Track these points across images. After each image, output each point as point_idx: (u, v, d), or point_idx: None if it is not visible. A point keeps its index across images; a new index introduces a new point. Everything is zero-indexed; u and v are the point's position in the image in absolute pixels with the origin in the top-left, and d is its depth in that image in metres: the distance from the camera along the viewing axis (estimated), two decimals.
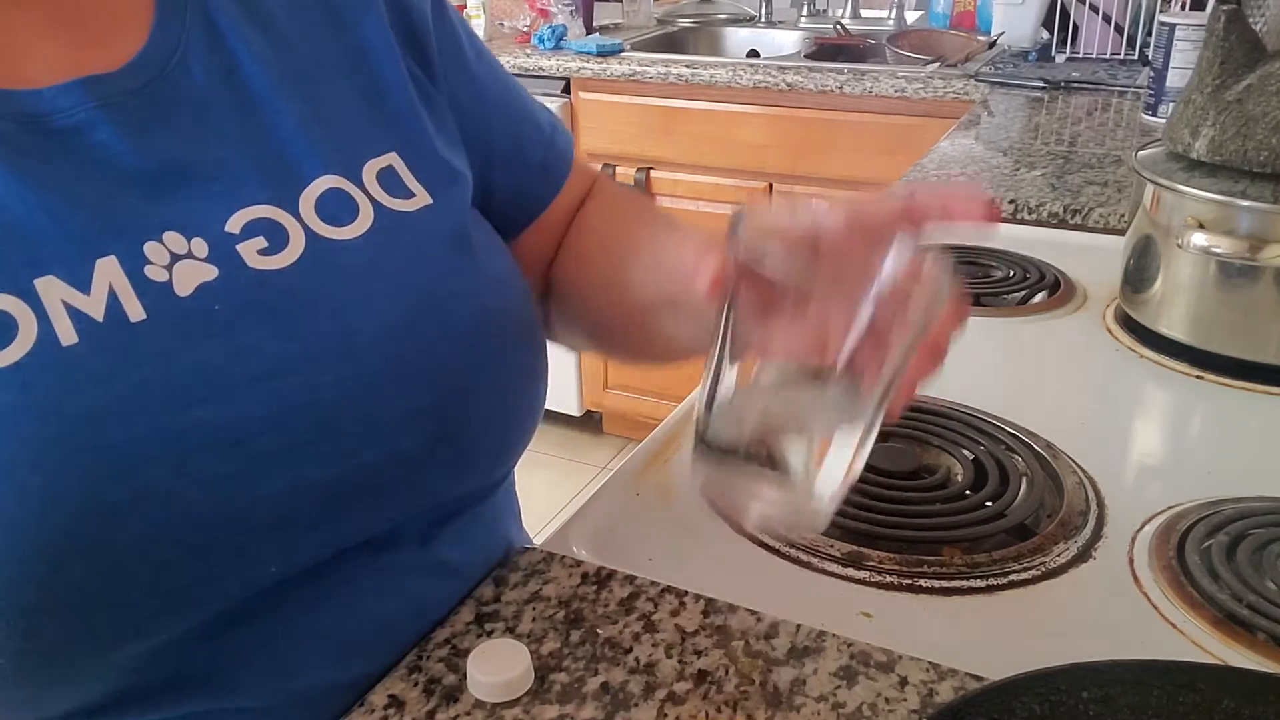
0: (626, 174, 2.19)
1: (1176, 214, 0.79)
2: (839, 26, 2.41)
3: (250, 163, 0.49)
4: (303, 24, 0.54)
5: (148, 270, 0.45)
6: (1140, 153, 0.86)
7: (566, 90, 2.19)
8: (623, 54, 2.19)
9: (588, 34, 2.34)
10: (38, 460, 0.41)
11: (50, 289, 0.42)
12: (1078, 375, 0.81)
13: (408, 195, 0.54)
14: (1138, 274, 0.85)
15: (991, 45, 2.05)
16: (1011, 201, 1.16)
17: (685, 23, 2.57)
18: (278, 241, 0.48)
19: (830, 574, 0.57)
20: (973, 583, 0.56)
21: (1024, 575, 0.56)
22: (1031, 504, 0.62)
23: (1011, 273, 0.98)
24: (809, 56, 2.27)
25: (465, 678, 0.49)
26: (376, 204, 0.52)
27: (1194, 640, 0.52)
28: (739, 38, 2.54)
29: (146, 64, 0.49)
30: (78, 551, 0.41)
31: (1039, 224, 1.14)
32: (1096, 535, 0.60)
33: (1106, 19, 1.98)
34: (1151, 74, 1.56)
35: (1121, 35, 1.98)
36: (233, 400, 0.45)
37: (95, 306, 0.43)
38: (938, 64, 1.96)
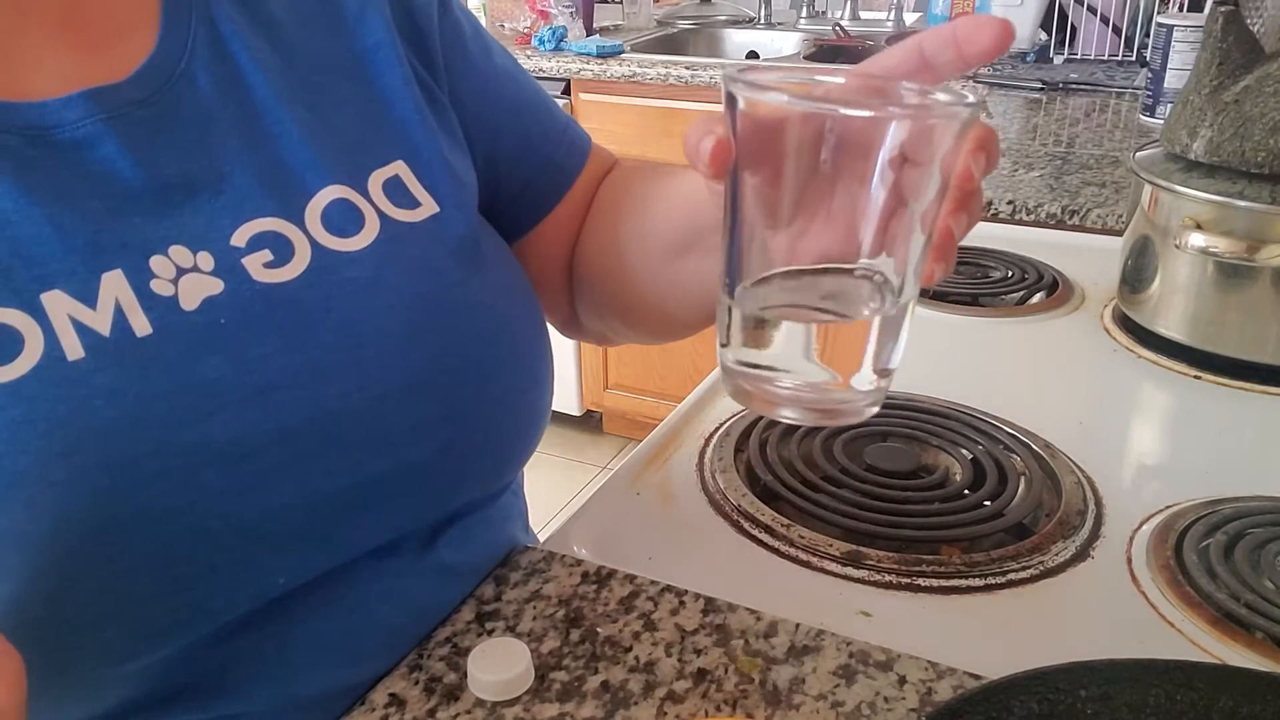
0: None
1: (1174, 214, 0.79)
2: (838, 28, 2.41)
3: (255, 175, 0.49)
4: (307, 30, 0.54)
5: (153, 284, 0.44)
6: (1138, 153, 0.86)
7: (567, 91, 2.19)
8: (623, 55, 2.19)
9: (588, 35, 2.34)
10: (46, 475, 0.40)
11: (56, 303, 0.42)
12: (1076, 375, 0.82)
13: (414, 205, 0.53)
14: (1136, 274, 0.85)
15: None
16: (1010, 202, 1.17)
17: (685, 24, 2.57)
18: (283, 254, 0.48)
19: (829, 573, 0.57)
20: (971, 582, 0.56)
21: (1022, 574, 0.57)
22: (1030, 503, 0.62)
23: (1010, 273, 0.98)
24: (808, 58, 2.27)
25: (466, 676, 0.49)
26: (383, 215, 0.52)
27: (1192, 639, 0.52)
28: (738, 39, 2.54)
29: (152, 74, 0.48)
30: (87, 565, 0.41)
31: (1037, 224, 1.15)
32: (1095, 534, 0.60)
33: (1104, 20, 1.98)
34: (1149, 75, 1.56)
35: (1119, 36, 1.99)
36: (240, 414, 0.44)
37: (101, 321, 0.43)
38: None
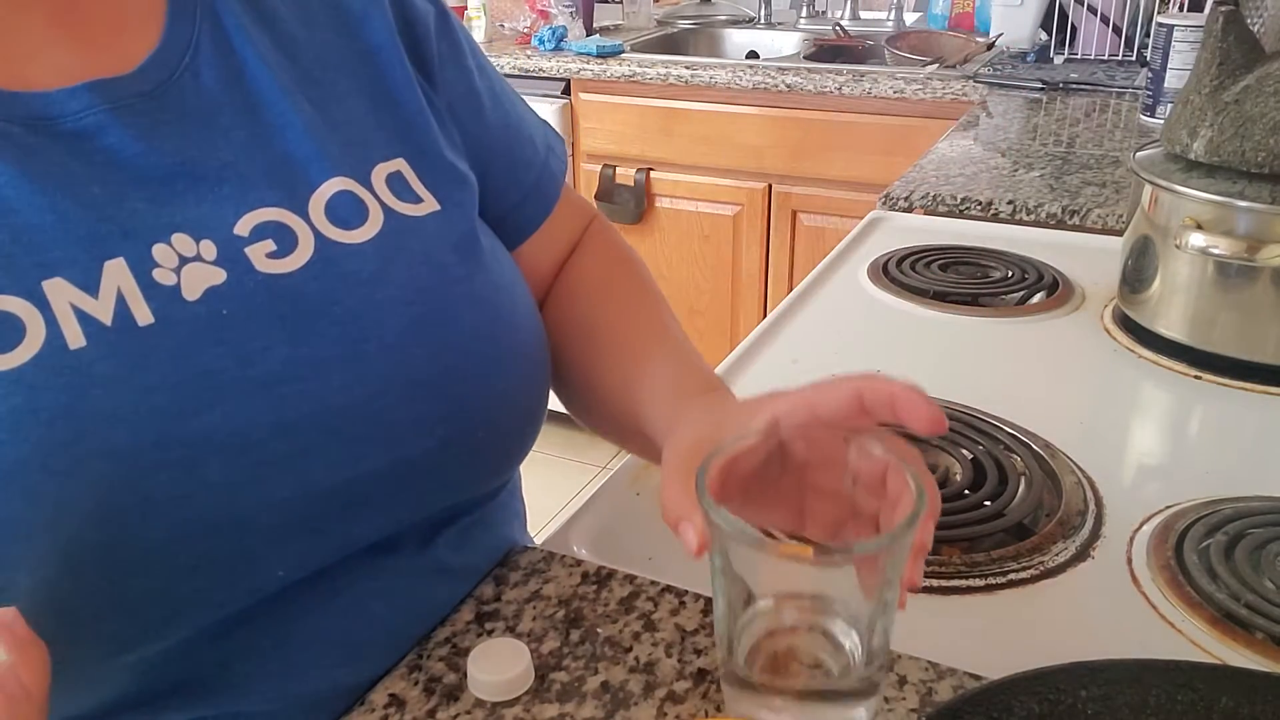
0: (626, 174, 2.19)
1: (1174, 214, 0.79)
2: (838, 28, 2.41)
3: (259, 165, 0.49)
4: (309, 27, 0.54)
5: (156, 273, 0.45)
6: (1138, 153, 0.86)
7: (567, 91, 2.19)
8: (623, 55, 2.19)
9: (588, 35, 2.34)
10: (47, 463, 0.40)
11: (58, 291, 0.42)
12: (1076, 375, 0.82)
13: (416, 200, 0.53)
14: (1136, 274, 0.85)
15: (990, 46, 2.06)
16: (1010, 202, 1.17)
17: (685, 24, 2.57)
18: (286, 244, 0.48)
19: None
20: (971, 582, 0.56)
21: (1022, 575, 0.57)
22: (1030, 504, 0.62)
23: (1010, 273, 0.98)
24: (808, 58, 2.27)
25: (466, 677, 0.49)
26: (386, 208, 0.52)
27: (1192, 639, 0.52)
28: (738, 39, 2.54)
29: (157, 67, 0.49)
30: (87, 555, 0.41)
31: (1037, 224, 1.15)
32: (1095, 535, 0.60)
33: (1105, 20, 1.98)
34: (1149, 75, 1.56)
35: (1120, 36, 1.99)
36: (241, 406, 0.45)
37: (103, 310, 0.43)
38: (936, 65, 1.97)
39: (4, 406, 0.40)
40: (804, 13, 2.59)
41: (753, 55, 2.45)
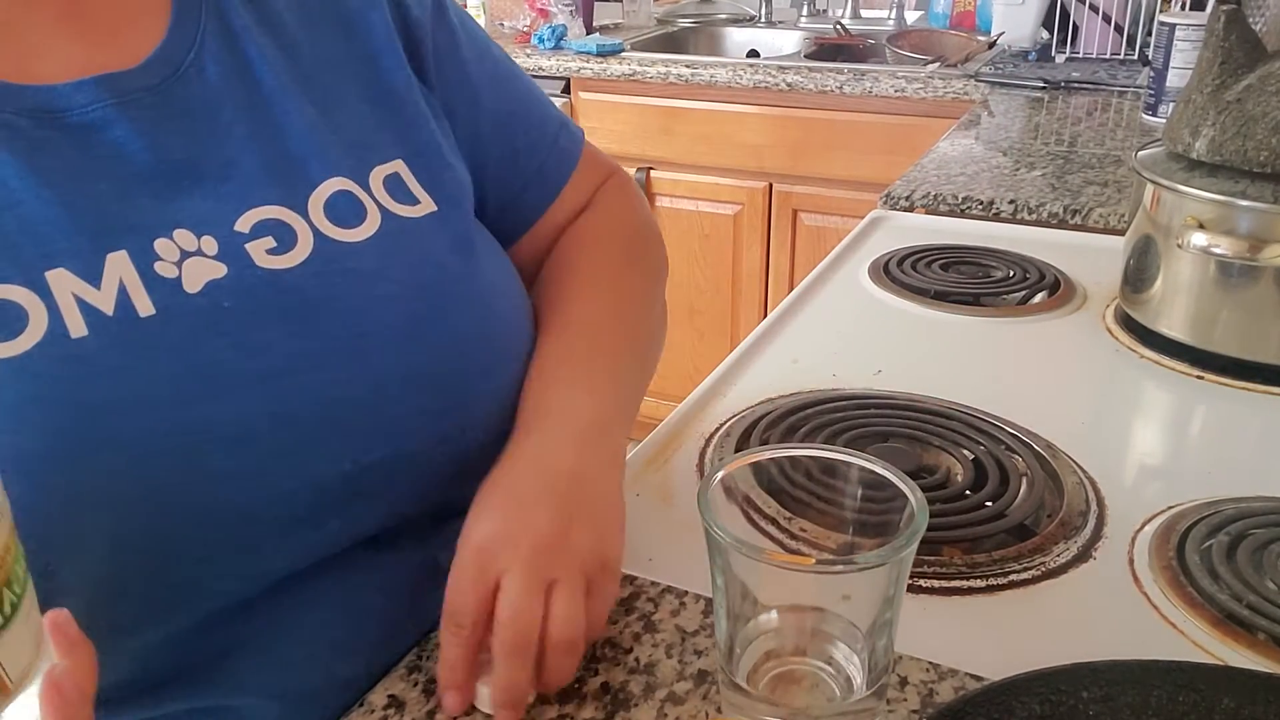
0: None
1: (1176, 214, 0.79)
2: (839, 26, 2.41)
3: (261, 163, 0.50)
4: (310, 29, 0.55)
5: (158, 266, 0.45)
6: (1140, 153, 0.86)
7: (566, 90, 2.19)
8: (623, 54, 2.19)
9: (588, 34, 2.34)
10: (51, 451, 0.41)
11: (61, 281, 0.43)
12: (1078, 375, 0.81)
13: (413, 202, 0.54)
14: (1138, 274, 0.85)
15: (991, 45, 2.06)
16: (1011, 202, 1.16)
17: (685, 23, 2.57)
18: (286, 242, 0.49)
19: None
20: (973, 583, 0.56)
21: (1024, 575, 0.56)
22: (1031, 504, 0.62)
23: (1011, 273, 0.98)
24: (809, 56, 2.27)
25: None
26: (383, 209, 0.53)
27: (1194, 640, 0.52)
28: (739, 38, 2.54)
29: (163, 62, 0.49)
30: (89, 541, 0.42)
31: (1039, 224, 1.14)
32: (1096, 535, 0.60)
33: (1106, 19, 1.98)
34: (1151, 74, 1.56)
35: (1121, 35, 1.99)
36: (242, 398, 0.45)
37: (105, 300, 0.43)
38: (938, 64, 1.96)
39: (10, 394, 0.41)
40: (805, 11, 2.59)
41: (753, 54, 2.45)
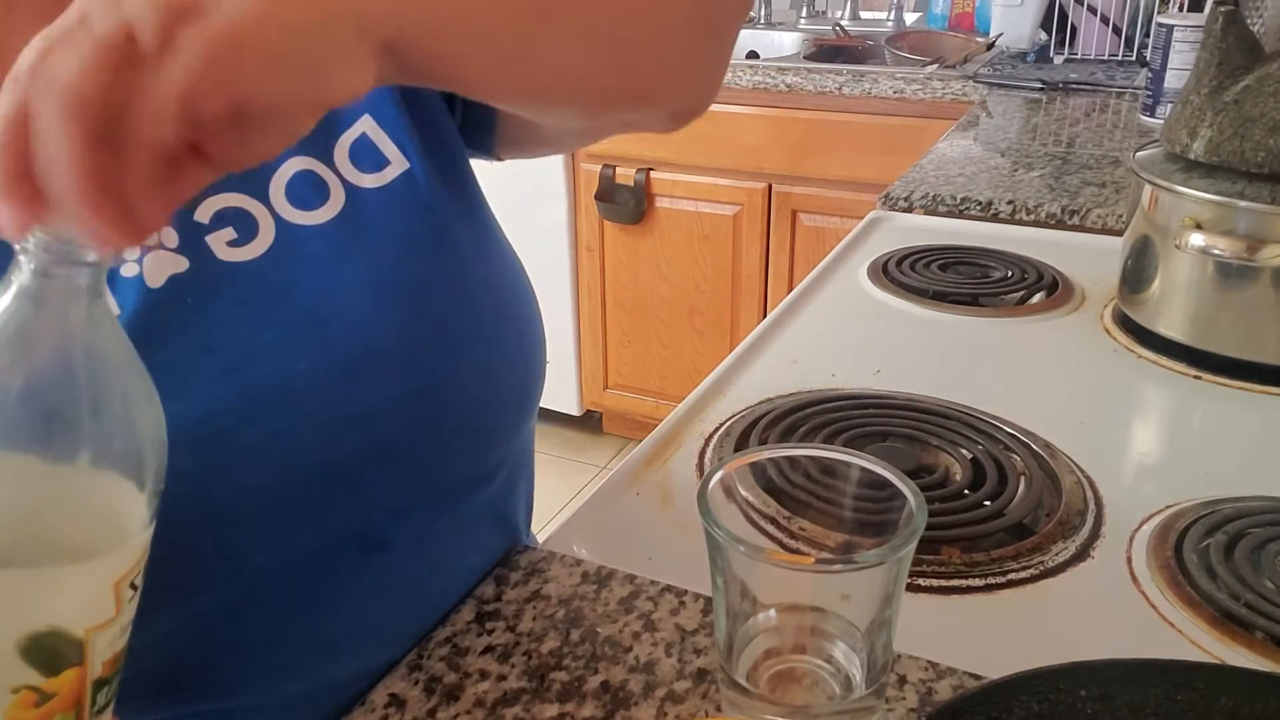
0: (626, 174, 2.19)
1: (1174, 214, 0.79)
2: (838, 28, 2.42)
3: None
4: None
5: (120, 266, 0.45)
6: (1138, 153, 0.86)
7: None
8: None
9: None
10: None
11: None
12: (1076, 375, 0.82)
13: (382, 165, 0.52)
14: (1136, 274, 0.85)
15: (990, 46, 2.06)
16: (1010, 202, 1.17)
17: None
18: (248, 232, 0.48)
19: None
20: (971, 582, 0.56)
21: (1022, 574, 0.57)
22: (1030, 503, 0.62)
23: (1010, 273, 0.98)
24: (808, 57, 2.27)
25: (466, 676, 0.49)
26: (348, 185, 0.51)
27: (1192, 639, 0.52)
28: (738, 39, 2.54)
29: None
30: None
31: (1037, 224, 1.15)
32: (1095, 534, 0.60)
33: (1104, 20, 1.98)
34: (1149, 75, 1.56)
35: (1119, 36, 1.99)
36: (206, 393, 0.44)
37: None
38: (936, 65, 1.97)
39: None
40: (804, 12, 2.59)
41: (752, 55, 2.45)
